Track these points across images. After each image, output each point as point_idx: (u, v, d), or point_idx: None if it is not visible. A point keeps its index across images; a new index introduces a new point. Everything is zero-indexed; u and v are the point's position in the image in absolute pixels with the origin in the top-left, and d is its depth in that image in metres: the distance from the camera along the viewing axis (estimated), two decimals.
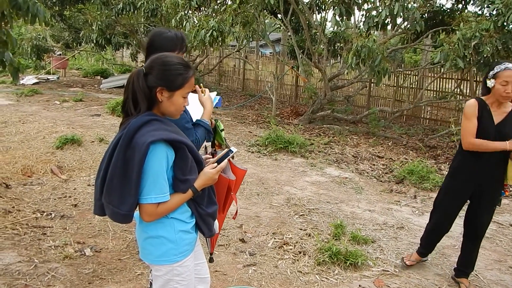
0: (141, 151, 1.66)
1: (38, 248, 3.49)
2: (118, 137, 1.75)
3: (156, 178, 1.71)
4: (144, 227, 1.86)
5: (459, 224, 4.54)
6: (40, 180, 5.13)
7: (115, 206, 1.73)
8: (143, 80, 1.75)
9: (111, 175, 1.71)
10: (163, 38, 2.35)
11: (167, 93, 1.77)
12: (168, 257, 1.85)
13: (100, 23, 12.08)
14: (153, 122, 1.75)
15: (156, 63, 1.77)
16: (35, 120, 8.25)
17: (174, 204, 1.80)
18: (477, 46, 6.31)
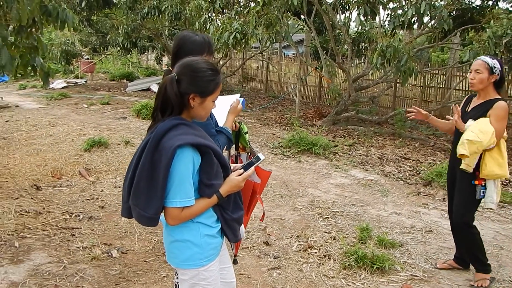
0: (168, 155, 1.67)
1: (67, 249, 3.56)
2: (146, 141, 1.77)
3: (181, 182, 1.72)
4: (170, 231, 1.87)
5: (491, 228, 4.43)
6: (69, 182, 5.25)
7: (142, 208, 1.74)
8: (176, 87, 1.75)
9: (139, 178, 1.73)
10: (191, 42, 2.36)
11: (199, 99, 1.79)
12: (194, 261, 1.85)
13: (126, 27, 12.33)
14: (181, 126, 1.76)
15: (188, 70, 1.77)
16: (64, 123, 8.45)
17: (199, 209, 1.80)
18: (509, 43, 6.13)
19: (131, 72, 18.38)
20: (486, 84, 3.14)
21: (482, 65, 3.12)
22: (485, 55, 3.23)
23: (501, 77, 3.14)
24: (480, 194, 3.14)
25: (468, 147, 3.00)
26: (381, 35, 7.59)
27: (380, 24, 9.49)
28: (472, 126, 3.09)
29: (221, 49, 9.33)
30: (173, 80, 1.75)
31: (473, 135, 3.01)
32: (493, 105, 3.11)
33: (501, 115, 3.08)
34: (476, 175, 3.13)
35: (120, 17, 13.55)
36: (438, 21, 7.59)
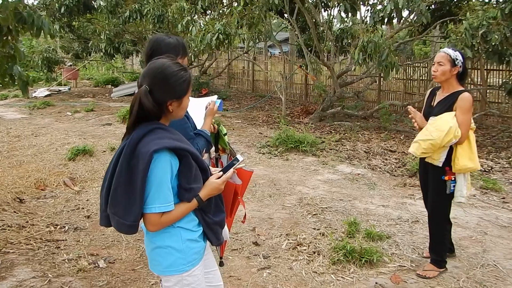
0: (145, 160, 1.65)
1: (52, 263, 3.51)
2: (121, 147, 1.75)
3: (160, 187, 1.70)
4: (151, 238, 1.85)
5: (474, 214, 4.49)
6: (53, 193, 5.19)
7: (120, 216, 1.71)
8: (151, 99, 1.71)
9: (115, 185, 1.70)
10: (165, 45, 2.34)
11: (176, 102, 1.78)
12: (177, 267, 1.83)
13: (108, 32, 12.23)
14: (157, 130, 1.74)
15: (159, 78, 1.74)
16: (48, 132, 8.36)
17: (179, 213, 1.78)
18: (485, 34, 6.20)
19: (116, 77, 18.24)
20: (448, 76, 3.14)
21: (444, 57, 3.13)
22: (448, 47, 3.22)
23: (463, 69, 3.15)
24: (451, 188, 3.16)
25: (419, 146, 3.08)
26: (363, 31, 7.63)
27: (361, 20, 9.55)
28: (429, 124, 3.13)
29: (204, 51, 9.30)
30: (146, 93, 1.72)
31: (427, 133, 3.07)
32: (457, 97, 3.12)
33: (467, 107, 3.09)
34: (446, 170, 3.14)
35: (102, 21, 13.43)
36: (417, 15, 7.66)
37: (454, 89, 3.18)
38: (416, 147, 3.14)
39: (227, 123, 9.69)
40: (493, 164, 6.40)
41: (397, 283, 3.22)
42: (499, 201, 4.92)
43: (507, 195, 5.10)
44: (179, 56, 2.36)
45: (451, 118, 3.06)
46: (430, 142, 3.05)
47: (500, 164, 6.42)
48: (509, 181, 5.64)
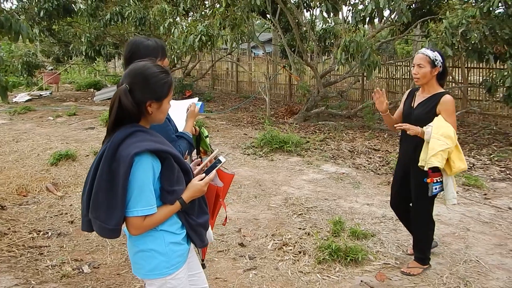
0: (126, 163, 1.64)
1: (35, 269, 3.45)
2: (102, 151, 1.73)
3: (142, 190, 1.69)
4: (134, 241, 1.83)
5: (457, 211, 4.56)
6: (35, 198, 5.10)
7: (102, 221, 1.70)
8: (130, 98, 1.71)
9: (97, 189, 1.69)
10: (144, 47, 2.33)
11: (156, 104, 1.76)
12: (160, 270, 1.81)
13: (89, 35, 12.08)
14: (137, 133, 1.73)
15: (140, 78, 1.73)
16: (29, 137, 8.22)
17: (161, 216, 1.77)
18: (465, 33, 6.30)
19: (98, 80, 18.03)
20: (430, 77, 3.13)
21: (423, 58, 3.11)
22: (426, 48, 3.21)
23: (443, 69, 3.15)
24: (433, 191, 3.15)
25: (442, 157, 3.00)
26: (345, 31, 7.69)
27: (343, 20, 9.62)
28: (435, 134, 3.02)
29: (187, 52, 9.26)
30: (126, 92, 1.71)
31: (442, 143, 2.99)
32: (440, 100, 3.11)
33: (451, 110, 3.10)
34: (428, 172, 3.12)
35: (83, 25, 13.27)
36: (398, 14, 7.75)
37: (435, 91, 3.17)
38: (440, 159, 3.01)
39: (212, 125, 9.67)
40: (475, 161, 6.51)
41: (382, 280, 3.25)
42: (481, 198, 5.00)
43: (489, 192, 5.20)
44: (159, 58, 2.35)
45: (446, 123, 3.05)
46: (448, 150, 3.01)
47: (482, 161, 6.53)
48: (490, 177, 5.74)
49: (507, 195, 5.04)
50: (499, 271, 3.37)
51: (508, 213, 4.52)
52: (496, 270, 3.38)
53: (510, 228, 4.15)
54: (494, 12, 6.57)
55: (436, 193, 3.18)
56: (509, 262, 3.50)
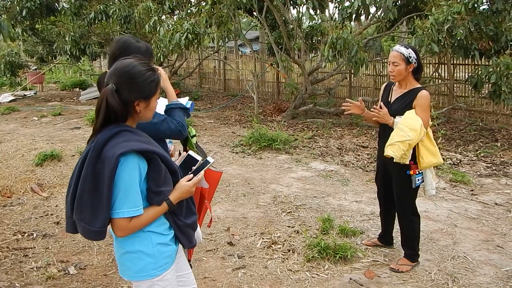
0: (111, 164, 1.60)
1: (19, 271, 3.38)
2: (86, 151, 1.69)
3: (127, 191, 1.65)
4: (120, 243, 1.80)
5: (445, 207, 4.59)
6: (20, 200, 5.01)
7: (87, 223, 1.66)
8: (117, 98, 1.67)
9: (81, 191, 1.65)
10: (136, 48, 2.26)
11: (144, 103, 1.73)
12: (147, 271, 1.78)
13: (73, 34, 11.90)
14: (123, 133, 1.69)
15: (126, 77, 1.69)
16: (13, 138, 8.08)
17: (148, 218, 1.74)
18: (450, 29, 6.34)
19: (83, 80, 17.77)
20: (405, 74, 3.17)
21: (398, 56, 3.14)
22: (400, 45, 3.23)
23: (418, 65, 3.18)
24: (416, 182, 3.21)
25: (399, 148, 3.04)
26: (332, 28, 7.69)
27: (330, 17, 9.63)
28: (400, 124, 3.10)
29: (174, 51, 9.18)
30: (113, 92, 1.66)
31: (403, 134, 3.04)
32: (416, 95, 3.14)
33: (425, 105, 3.14)
34: (410, 165, 3.17)
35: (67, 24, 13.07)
36: (384, 11, 7.78)
37: (412, 86, 3.21)
38: (396, 149, 3.05)
39: (199, 123, 9.61)
40: (462, 157, 6.56)
41: (371, 278, 3.25)
42: (468, 194, 5.04)
43: (476, 187, 5.24)
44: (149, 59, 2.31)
45: (416, 116, 3.09)
46: (408, 142, 3.03)
47: (468, 157, 6.59)
48: (477, 173, 5.79)
49: (493, 191, 5.09)
50: (486, 267, 3.39)
51: (494, 209, 4.56)
52: (484, 266, 3.41)
53: (497, 224, 4.19)
54: (479, 8, 6.62)
55: (419, 185, 3.23)
56: (496, 258, 3.53)
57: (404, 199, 3.34)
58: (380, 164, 3.54)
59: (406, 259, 3.39)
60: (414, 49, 3.18)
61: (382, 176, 3.52)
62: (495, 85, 6.78)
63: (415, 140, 3.04)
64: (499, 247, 3.70)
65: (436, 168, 5.67)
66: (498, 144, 7.23)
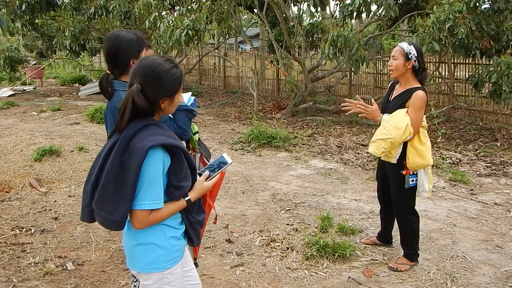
0: (140, 156, 1.63)
1: (17, 267, 3.37)
2: (113, 142, 1.70)
3: (151, 183, 1.68)
4: (134, 234, 1.80)
5: (444, 206, 4.58)
6: (18, 195, 4.99)
7: (108, 212, 1.67)
8: (143, 97, 1.69)
9: (105, 180, 1.67)
10: (127, 41, 2.26)
11: (168, 100, 1.76)
12: (158, 264, 1.80)
13: (73, 29, 11.85)
14: (151, 126, 1.72)
15: (151, 77, 1.70)
16: (12, 133, 8.05)
17: (167, 212, 1.76)
18: (452, 28, 6.32)
19: (83, 75, 17.73)
20: (403, 70, 3.13)
21: (397, 51, 3.12)
22: (404, 41, 3.22)
23: (419, 64, 3.14)
24: (410, 183, 3.19)
25: (379, 146, 3.06)
26: (332, 26, 7.67)
27: (331, 15, 9.60)
28: (385, 122, 3.11)
29: (174, 47, 9.15)
30: (139, 92, 1.68)
31: (385, 132, 3.05)
32: (411, 94, 3.11)
33: (418, 106, 3.09)
34: (404, 164, 3.16)
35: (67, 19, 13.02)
36: (385, 9, 7.75)
37: (410, 85, 3.18)
38: (376, 146, 3.10)
39: (199, 120, 9.59)
40: (461, 156, 6.56)
41: (370, 277, 3.24)
42: (467, 193, 5.03)
43: (475, 187, 5.23)
44: (144, 49, 2.30)
45: (405, 115, 3.08)
46: (390, 140, 3.04)
47: (468, 156, 6.58)
48: (476, 173, 5.78)
49: (493, 191, 5.09)
50: (485, 267, 3.39)
51: (494, 208, 4.55)
52: (482, 266, 3.40)
53: (496, 223, 4.18)
54: (481, 7, 6.61)
55: (413, 186, 3.21)
56: (495, 258, 3.52)
57: (399, 199, 3.33)
58: (380, 163, 3.54)
59: (405, 258, 3.38)
60: (418, 48, 3.14)
61: (381, 174, 3.52)
62: (496, 85, 6.76)
63: (397, 139, 3.03)
64: (498, 247, 3.70)
65: (435, 168, 5.67)
66: (498, 144, 7.23)
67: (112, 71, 2.28)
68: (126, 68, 2.26)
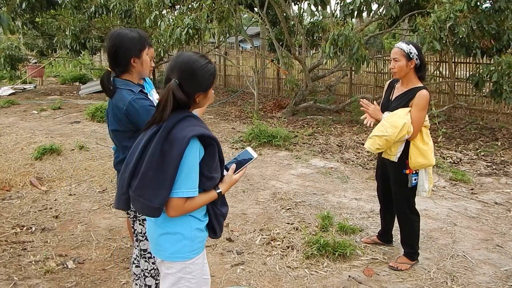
0: (182, 145, 1.70)
1: (17, 265, 3.38)
2: (152, 132, 1.76)
3: (189, 172, 1.74)
4: (161, 224, 1.85)
5: (444, 206, 4.58)
6: (19, 193, 4.99)
7: (147, 199, 1.73)
8: (181, 92, 1.76)
9: (146, 169, 1.73)
10: (129, 39, 2.26)
11: (203, 95, 1.83)
12: (183, 253, 1.85)
13: (73, 28, 11.85)
14: (189, 118, 1.79)
15: (188, 73, 1.77)
16: (12, 131, 8.06)
17: (200, 202, 1.81)
18: (452, 27, 6.32)
19: (83, 74, 17.74)
20: (406, 70, 3.14)
21: (398, 52, 3.12)
22: (402, 41, 3.22)
23: (420, 62, 3.14)
24: (412, 182, 3.20)
25: (374, 142, 3.08)
26: (333, 24, 7.66)
27: (332, 14, 9.59)
28: (384, 119, 3.12)
29: (174, 46, 9.14)
30: (177, 87, 1.75)
31: (382, 129, 3.07)
32: (415, 94, 3.11)
33: (422, 105, 3.10)
34: (406, 163, 3.16)
35: (68, 17, 13.02)
36: (386, 8, 7.74)
37: (413, 85, 3.18)
38: (371, 143, 3.14)
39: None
40: (462, 156, 6.55)
41: (370, 275, 3.25)
42: (467, 193, 5.03)
43: (475, 186, 5.23)
44: (147, 48, 2.30)
45: (405, 114, 3.08)
46: (385, 138, 3.06)
47: (469, 155, 6.58)
48: (477, 172, 5.78)
49: (493, 190, 5.09)
50: (485, 266, 3.39)
51: (494, 208, 4.55)
52: (483, 265, 3.40)
53: (496, 223, 4.18)
54: (482, 6, 6.60)
55: (415, 184, 3.22)
56: (495, 257, 3.52)
57: (400, 198, 3.33)
58: (379, 162, 3.53)
59: (406, 257, 3.38)
60: (416, 46, 3.15)
61: (381, 174, 3.52)
62: (497, 84, 6.75)
63: (393, 137, 3.04)
64: (499, 246, 3.70)
65: (436, 167, 5.67)
66: (499, 143, 7.23)
67: (113, 68, 2.29)
68: (127, 66, 2.27)
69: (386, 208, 3.62)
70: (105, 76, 2.24)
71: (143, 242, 2.43)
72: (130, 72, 2.29)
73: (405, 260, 3.36)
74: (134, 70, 2.29)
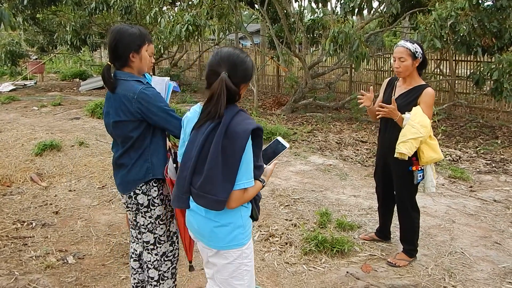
0: (244, 139, 1.75)
1: (18, 260, 3.40)
2: (210, 128, 1.80)
3: (248, 164, 1.80)
4: (213, 217, 1.90)
5: (443, 203, 4.60)
6: (19, 189, 5.01)
7: (214, 194, 1.78)
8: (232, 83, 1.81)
9: (210, 165, 1.77)
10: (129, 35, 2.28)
11: (245, 85, 1.91)
12: (239, 240, 1.92)
13: (74, 24, 11.85)
14: (240, 112, 1.85)
15: (234, 66, 1.83)
16: (13, 128, 8.07)
17: (253, 191, 1.88)
18: (453, 25, 6.31)
19: (84, 70, 17.74)
20: (411, 70, 3.15)
21: (404, 52, 3.10)
22: (405, 40, 3.21)
23: (423, 60, 3.16)
24: (418, 178, 3.20)
25: (412, 145, 3.02)
26: (333, 22, 7.66)
27: (332, 11, 9.59)
28: (411, 121, 3.06)
29: (174, 42, 9.14)
30: (228, 79, 1.80)
31: (415, 131, 3.02)
32: (422, 92, 3.12)
33: (430, 102, 3.13)
34: (413, 161, 3.16)
35: (68, 14, 13.02)
36: (386, 5, 7.74)
37: (416, 83, 3.18)
38: (409, 146, 3.03)
39: None
40: (461, 153, 6.57)
41: (368, 272, 3.26)
42: (466, 190, 5.05)
43: (474, 184, 5.25)
44: (146, 44, 2.32)
45: (423, 113, 3.08)
46: (421, 139, 3.03)
47: (468, 153, 6.59)
48: (476, 170, 5.80)
49: (492, 188, 5.10)
50: (483, 263, 3.41)
51: (493, 205, 4.57)
52: (481, 262, 3.42)
53: (495, 220, 4.20)
54: (483, 4, 6.59)
55: (420, 181, 3.22)
56: (493, 254, 3.54)
57: (404, 195, 3.34)
58: (379, 159, 3.53)
59: (404, 254, 3.40)
60: (420, 45, 3.16)
61: (382, 171, 3.51)
62: (497, 82, 6.75)
63: (426, 136, 3.04)
64: (497, 244, 3.72)
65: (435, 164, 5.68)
66: (498, 141, 7.24)
67: (113, 63, 2.31)
68: (126, 61, 2.29)
69: (385, 206, 3.64)
70: (105, 70, 2.27)
71: (145, 234, 2.44)
72: (130, 67, 2.31)
73: (403, 257, 3.38)
74: (134, 65, 2.31)
